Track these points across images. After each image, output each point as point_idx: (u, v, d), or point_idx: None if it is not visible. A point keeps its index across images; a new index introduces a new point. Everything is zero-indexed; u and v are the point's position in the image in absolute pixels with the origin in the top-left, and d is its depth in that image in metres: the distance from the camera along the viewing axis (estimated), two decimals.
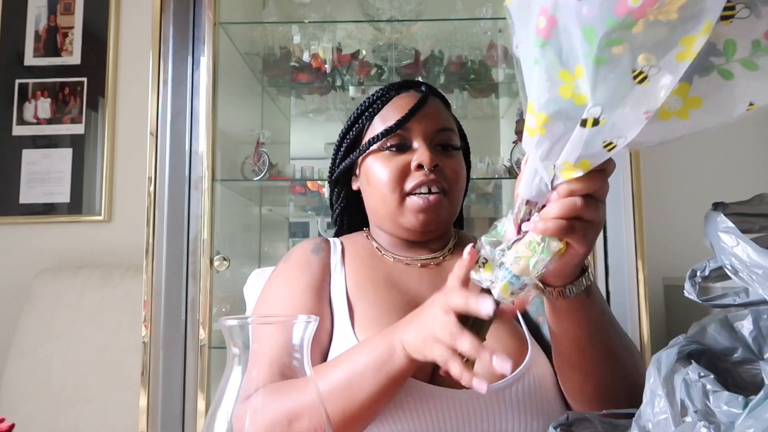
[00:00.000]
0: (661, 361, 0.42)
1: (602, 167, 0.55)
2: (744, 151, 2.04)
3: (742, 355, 0.43)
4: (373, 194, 0.89)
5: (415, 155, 0.86)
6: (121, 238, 2.04)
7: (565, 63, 0.48)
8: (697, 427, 0.36)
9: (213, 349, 1.53)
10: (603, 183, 0.57)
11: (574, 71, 0.48)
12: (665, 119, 0.49)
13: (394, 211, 0.86)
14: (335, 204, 1.02)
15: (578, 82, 0.48)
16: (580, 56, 0.46)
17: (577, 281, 0.64)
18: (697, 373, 0.39)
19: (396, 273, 0.88)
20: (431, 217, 0.85)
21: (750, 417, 0.34)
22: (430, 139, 0.87)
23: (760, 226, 0.48)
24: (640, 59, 0.44)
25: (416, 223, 0.85)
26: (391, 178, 0.85)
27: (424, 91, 0.93)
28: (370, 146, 0.89)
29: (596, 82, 0.46)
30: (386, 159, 0.87)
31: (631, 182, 1.53)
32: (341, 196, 1.01)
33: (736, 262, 0.43)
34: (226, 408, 0.45)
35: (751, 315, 0.43)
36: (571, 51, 0.47)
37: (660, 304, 1.91)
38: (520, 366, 0.75)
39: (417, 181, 0.84)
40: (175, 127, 1.58)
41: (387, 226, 0.90)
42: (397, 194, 0.85)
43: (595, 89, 0.47)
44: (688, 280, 0.49)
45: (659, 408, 0.40)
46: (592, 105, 0.47)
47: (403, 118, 0.87)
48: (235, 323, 0.46)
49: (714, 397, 0.37)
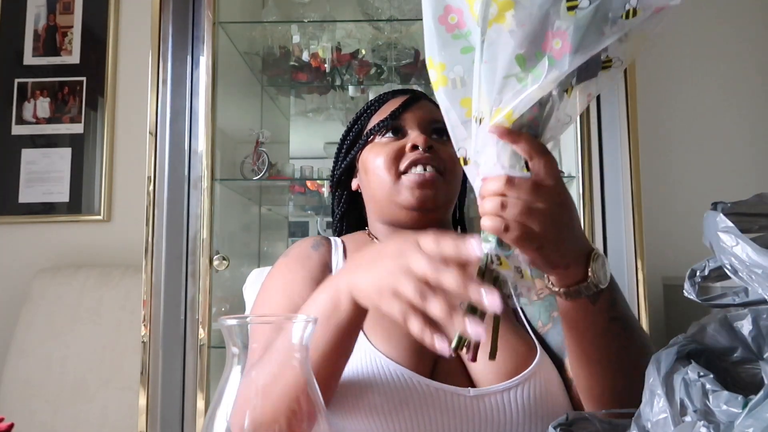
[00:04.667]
0: (661, 361, 0.42)
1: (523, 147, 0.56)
2: (743, 150, 2.04)
3: (741, 355, 0.43)
4: (371, 180, 0.90)
5: (409, 140, 0.89)
6: (120, 237, 2.04)
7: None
8: (697, 426, 0.36)
9: (212, 348, 1.53)
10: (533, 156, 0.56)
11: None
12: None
13: (390, 190, 0.87)
14: (336, 209, 1.04)
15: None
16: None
17: (576, 287, 0.62)
18: (697, 373, 0.39)
19: None
20: (428, 193, 0.85)
21: (749, 416, 0.34)
22: (424, 127, 0.91)
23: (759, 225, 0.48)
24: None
25: (413, 199, 0.85)
26: (387, 159, 0.87)
27: (418, 92, 0.99)
28: (367, 139, 0.93)
29: None
30: (382, 146, 0.90)
31: (630, 182, 1.53)
32: (342, 200, 1.02)
33: (735, 261, 0.43)
34: (226, 407, 0.45)
35: (751, 315, 0.43)
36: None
37: (659, 303, 1.91)
38: (528, 368, 0.75)
39: (411, 159, 0.86)
40: (175, 126, 1.58)
41: (385, 211, 0.90)
42: (393, 173, 0.87)
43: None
44: (687, 279, 0.49)
45: (658, 407, 0.40)
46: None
47: (396, 109, 0.92)
48: (234, 323, 0.46)
49: (713, 396, 0.37)
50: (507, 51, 0.52)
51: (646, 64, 1.97)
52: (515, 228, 0.56)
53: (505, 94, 0.53)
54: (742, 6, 2.08)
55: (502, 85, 0.53)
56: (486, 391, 0.73)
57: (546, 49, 0.51)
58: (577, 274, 0.62)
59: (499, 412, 0.72)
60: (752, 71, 2.06)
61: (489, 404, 0.72)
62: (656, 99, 2.03)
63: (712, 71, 2.07)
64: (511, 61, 0.52)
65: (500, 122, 0.54)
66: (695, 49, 2.07)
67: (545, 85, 0.51)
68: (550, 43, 0.51)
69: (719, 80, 2.06)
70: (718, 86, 2.06)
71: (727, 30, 2.08)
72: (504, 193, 0.56)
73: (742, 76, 2.06)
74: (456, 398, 0.72)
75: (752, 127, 2.05)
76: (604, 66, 0.54)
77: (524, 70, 0.51)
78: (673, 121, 2.05)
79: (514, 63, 0.52)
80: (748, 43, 2.07)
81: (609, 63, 0.54)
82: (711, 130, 2.05)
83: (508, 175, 0.56)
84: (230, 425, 0.43)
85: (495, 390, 0.73)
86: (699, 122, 2.05)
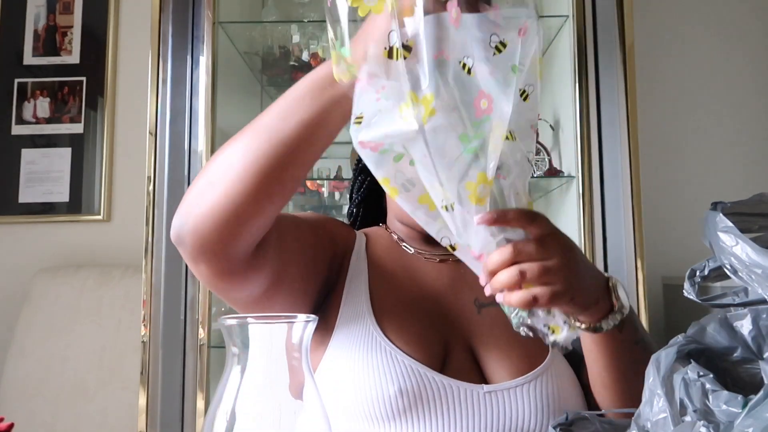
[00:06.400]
0: (660, 361, 0.42)
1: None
2: (743, 150, 2.04)
3: (741, 355, 0.43)
4: None
5: None
6: (120, 237, 2.04)
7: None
8: (697, 426, 0.36)
9: (212, 348, 1.53)
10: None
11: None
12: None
13: None
14: (355, 194, 1.00)
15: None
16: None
17: (606, 319, 0.63)
18: (696, 373, 0.39)
19: (415, 266, 0.86)
20: None
21: (749, 416, 0.34)
22: None
23: (759, 225, 0.48)
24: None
25: None
26: None
27: None
28: None
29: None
30: None
31: (630, 182, 1.53)
32: (363, 187, 0.99)
33: (735, 261, 0.43)
34: (226, 407, 0.45)
35: (751, 314, 0.43)
36: None
37: (659, 303, 1.91)
38: (541, 365, 0.75)
39: None
40: (174, 126, 1.58)
41: (403, 213, 0.89)
42: None
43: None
44: (687, 279, 0.49)
45: (658, 407, 0.40)
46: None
47: None
48: (234, 323, 0.46)
49: (713, 396, 0.37)
50: (450, 136, 0.54)
51: (646, 64, 1.97)
52: (544, 295, 0.56)
53: (469, 168, 0.55)
54: (741, 7, 2.08)
55: (459, 163, 0.55)
56: (499, 387, 0.73)
57: (480, 115, 0.54)
58: (605, 306, 0.63)
59: (512, 409, 0.72)
60: (752, 72, 2.06)
61: (502, 400, 0.72)
62: (656, 99, 2.03)
63: (711, 71, 2.07)
64: (457, 141, 0.54)
65: (481, 192, 0.55)
66: (695, 50, 2.07)
67: (496, 140, 0.54)
68: (480, 108, 0.54)
69: (719, 80, 2.06)
70: (718, 86, 2.06)
71: (727, 30, 2.08)
72: (514, 260, 0.56)
73: (741, 76, 2.06)
74: (470, 394, 0.72)
75: (752, 127, 2.05)
76: (524, 98, 0.56)
77: (470, 141, 0.54)
78: (673, 121, 2.05)
79: (459, 142, 0.54)
80: (747, 43, 2.07)
81: (524, 93, 0.56)
82: (711, 130, 2.05)
83: (511, 242, 0.57)
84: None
85: (508, 386, 0.73)
86: (699, 122, 2.05)
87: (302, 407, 0.46)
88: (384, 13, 0.54)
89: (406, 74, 0.52)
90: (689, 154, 2.04)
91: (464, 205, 0.55)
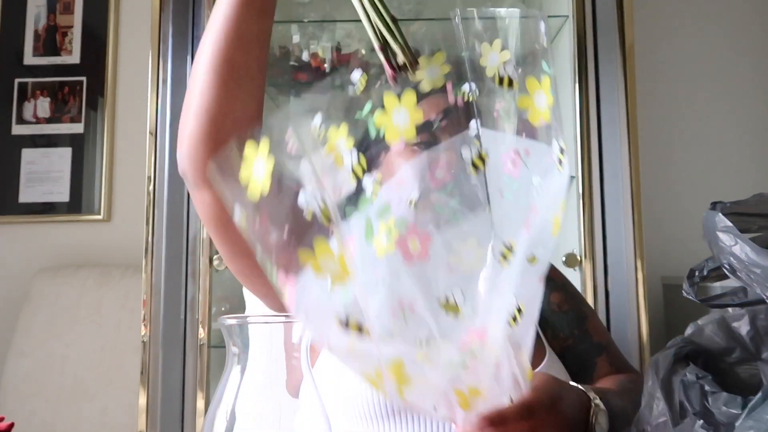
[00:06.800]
0: (659, 363, 0.42)
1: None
2: (743, 150, 2.04)
3: (739, 356, 0.43)
4: None
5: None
6: (120, 237, 2.03)
7: None
8: (697, 428, 0.36)
9: (212, 348, 1.53)
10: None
11: None
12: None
13: None
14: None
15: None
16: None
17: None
18: (695, 374, 0.39)
19: None
20: None
21: (750, 418, 0.34)
22: None
23: (758, 225, 0.48)
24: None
25: None
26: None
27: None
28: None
29: None
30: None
31: (630, 181, 1.52)
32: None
33: (734, 261, 0.43)
34: (226, 407, 0.45)
35: (749, 315, 0.43)
36: None
37: (659, 303, 1.91)
38: (537, 368, 0.75)
39: None
40: (175, 126, 1.58)
41: None
42: None
43: None
44: (686, 280, 0.49)
45: (658, 410, 0.40)
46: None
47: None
48: (234, 322, 0.46)
49: (713, 398, 0.37)
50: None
51: (646, 64, 1.97)
52: None
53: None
54: (742, 8, 2.08)
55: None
56: None
57: (465, 349, 0.46)
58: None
59: None
60: (752, 71, 2.06)
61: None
62: (656, 99, 2.03)
63: (712, 71, 2.07)
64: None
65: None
66: (695, 50, 2.07)
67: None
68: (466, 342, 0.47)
69: (719, 80, 2.06)
70: (718, 86, 2.06)
71: (727, 30, 2.08)
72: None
73: (741, 76, 2.06)
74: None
75: (752, 127, 2.05)
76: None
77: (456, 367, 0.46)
78: (673, 121, 2.05)
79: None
80: (747, 43, 2.07)
81: (534, 259, 0.50)
82: (711, 130, 2.05)
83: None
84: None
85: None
86: (699, 122, 2.05)
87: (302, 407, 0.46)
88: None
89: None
90: (689, 154, 2.04)
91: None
